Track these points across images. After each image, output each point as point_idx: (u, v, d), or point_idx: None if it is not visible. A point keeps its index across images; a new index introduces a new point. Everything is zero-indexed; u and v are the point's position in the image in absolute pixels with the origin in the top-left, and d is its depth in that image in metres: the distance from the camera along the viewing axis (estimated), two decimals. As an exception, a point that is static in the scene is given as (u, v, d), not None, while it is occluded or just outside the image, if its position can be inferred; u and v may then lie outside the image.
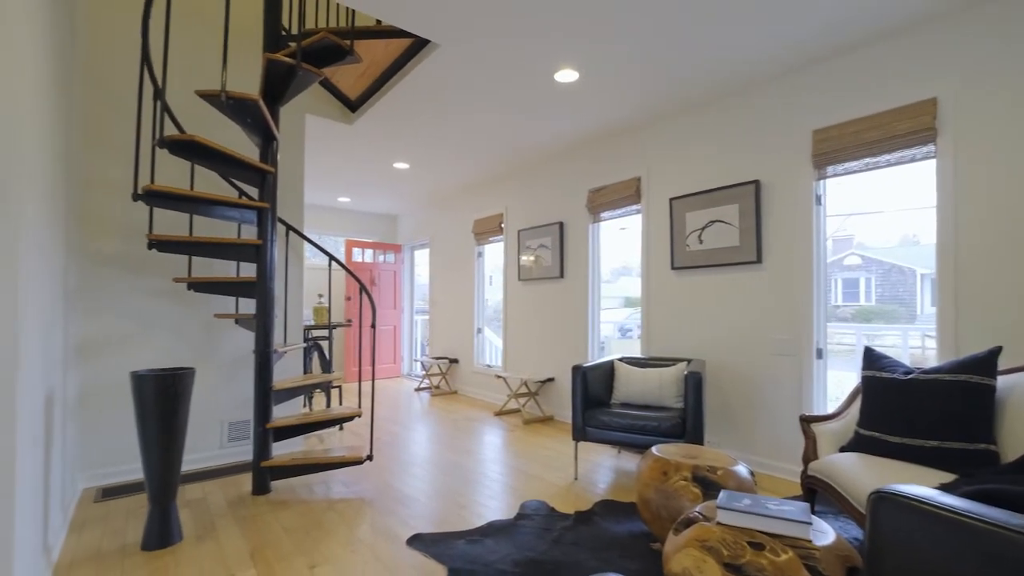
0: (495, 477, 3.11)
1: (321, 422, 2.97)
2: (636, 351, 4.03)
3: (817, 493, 2.23)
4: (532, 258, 5.04)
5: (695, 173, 3.58)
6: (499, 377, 5.10)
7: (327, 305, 4.38)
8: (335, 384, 4.91)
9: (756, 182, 3.19)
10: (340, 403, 4.62)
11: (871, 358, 2.20)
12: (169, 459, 2.20)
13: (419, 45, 2.87)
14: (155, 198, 2.29)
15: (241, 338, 3.39)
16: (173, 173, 3.14)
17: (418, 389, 6.49)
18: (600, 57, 2.85)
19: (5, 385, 1.41)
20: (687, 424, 2.72)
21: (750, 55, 2.82)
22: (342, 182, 5.76)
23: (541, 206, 4.98)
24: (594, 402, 3.17)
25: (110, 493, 2.79)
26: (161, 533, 2.19)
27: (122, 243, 2.95)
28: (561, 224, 4.68)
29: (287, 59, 2.30)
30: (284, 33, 2.69)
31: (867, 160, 2.73)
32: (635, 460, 3.46)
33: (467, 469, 3.27)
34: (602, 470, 3.26)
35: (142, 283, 3.03)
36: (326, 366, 4.12)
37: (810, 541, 1.27)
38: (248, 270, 3.32)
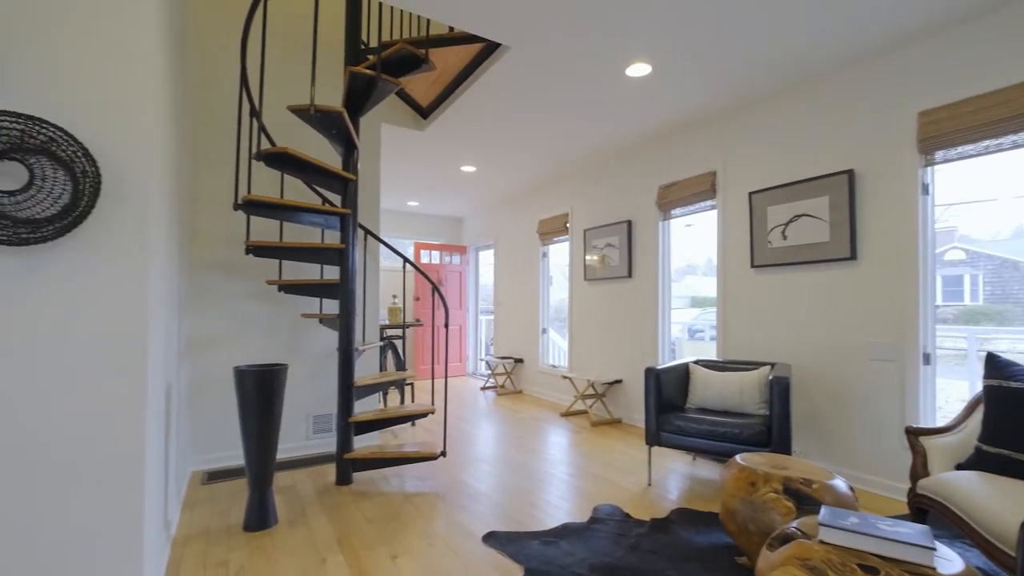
0: (564, 478, 3.09)
1: (398, 418, 3.09)
2: (708, 353, 3.85)
3: (928, 514, 2.02)
4: (598, 257, 4.96)
5: (778, 165, 3.37)
6: (565, 378, 5.07)
7: (400, 305, 4.56)
8: (408, 382, 5.09)
9: (849, 172, 2.95)
10: (412, 400, 4.79)
11: (996, 365, 1.97)
12: (266, 448, 2.38)
13: (490, 49, 2.91)
14: (253, 207, 2.49)
15: (324, 337, 3.60)
16: (265, 185, 3.40)
17: (483, 388, 6.60)
18: (675, 47, 2.75)
19: (137, 377, 1.58)
20: (772, 432, 2.56)
21: (843, 31, 2.61)
22: (412, 187, 5.97)
23: (608, 204, 4.89)
24: (668, 406, 3.07)
25: (215, 476, 3.06)
26: (260, 516, 2.37)
27: (223, 250, 3.24)
28: (629, 223, 4.57)
29: (367, 71, 2.42)
30: (363, 47, 2.82)
31: (987, 143, 2.44)
32: (711, 467, 3.32)
33: (536, 469, 3.28)
34: (676, 476, 3.15)
35: (240, 286, 3.30)
36: (400, 364, 4.30)
37: (934, 569, 1.15)
38: (331, 272, 3.52)
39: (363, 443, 3.80)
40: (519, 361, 6.40)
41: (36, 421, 1.45)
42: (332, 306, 3.59)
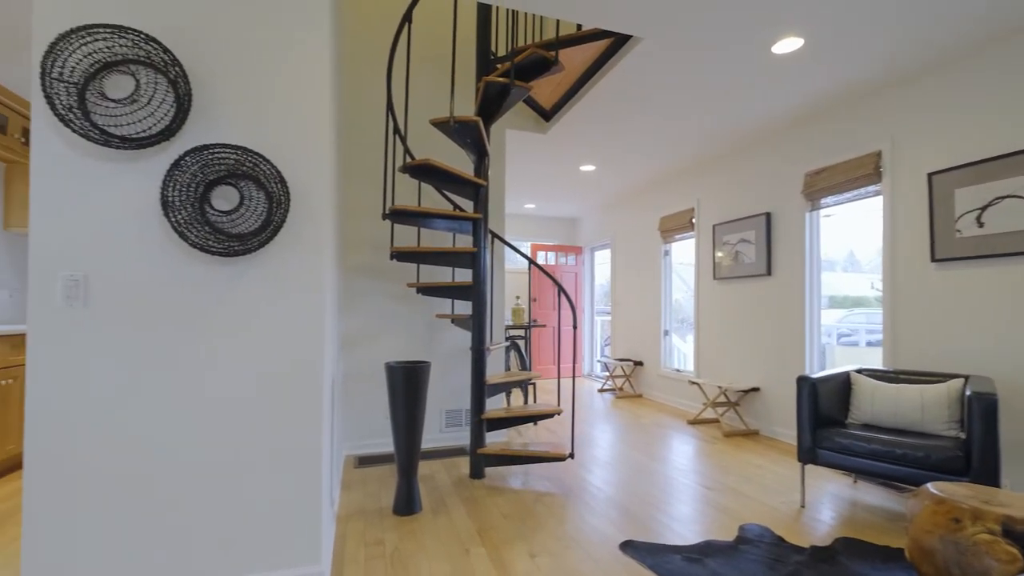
0: (699, 491, 2.90)
1: (527, 417, 3.15)
2: (867, 360, 3.34)
3: None
4: (730, 254, 4.59)
5: (967, 139, 2.82)
6: (692, 383, 4.77)
7: (523, 306, 4.65)
8: (532, 381, 5.18)
9: (1078, 141, 2.36)
10: (534, 400, 4.86)
11: None
12: (412, 439, 2.56)
13: (618, 44, 2.84)
14: (398, 216, 2.70)
15: (454, 336, 3.79)
16: (403, 195, 3.68)
17: (601, 390, 6.48)
18: (834, 15, 2.43)
19: (317, 366, 1.79)
20: (973, 459, 2.14)
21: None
22: (530, 189, 6.07)
23: (741, 197, 4.50)
24: (825, 420, 2.72)
25: (365, 461, 3.38)
26: (407, 502, 2.56)
27: (369, 256, 3.57)
28: (768, 215, 4.16)
29: (501, 79, 2.50)
30: (492, 57, 2.92)
31: None
32: (878, 493, 2.87)
33: (668, 478, 3.11)
34: (835, 500, 2.78)
35: (382, 288, 3.61)
36: (524, 364, 4.39)
37: None
38: (461, 275, 3.70)
39: (491, 439, 3.94)
40: (638, 364, 6.17)
41: (243, 401, 1.70)
42: (461, 307, 3.77)
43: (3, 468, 3.12)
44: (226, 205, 1.64)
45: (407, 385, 2.50)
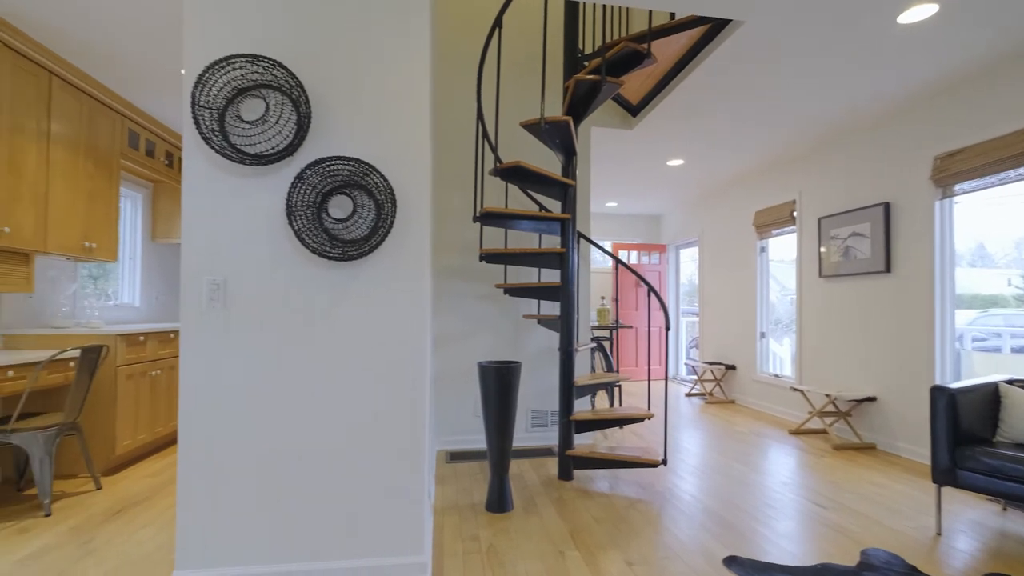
0: (810, 508, 2.66)
1: (616, 420, 3.07)
2: (1015, 370, 2.88)
3: None
4: (839, 250, 4.18)
5: None
6: (795, 390, 4.41)
7: (608, 307, 4.56)
8: (619, 383, 5.07)
9: None
10: (619, 403, 4.75)
11: None
12: (504, 437, 2.59)
13: (714, 31, 2.68)
14: (488, 218, 2.75)
15: (540, 336, 3.80)
16: (489, 198, 3.75)
17: (689, 394, 6.19)
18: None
19: (420, 362, 1.87)
20: None
21: None
22: (612, 187, 5.95)
23: (853, 186, 4.08)
24: (967, 438, 2.39)
25: (455, 457, 3.48)
26: (499, 500, 2.60)
27: (458, 257, 3.68)
28: (886, 205, 3.74)
29: (592, 76, 2.46)
30: (580, 55, 2.89)
31: None
32: (1041, 526, 2.46)
33: (771, 491, 2.89)
34: (978, 528, 2.43)
35: (471, 289, 3.70)
36: (609, 365, 4.31)
37: None
38: (547, 276, 3.71)
39: (577, 441, 3.90)
40: (730, 367, 5.81)
41: (354, 395, 1.82)
42: (547, 307, 3.77)
43: (155, 446, 3.61)
44: (340, 213, 1.76)
45: (499, 385, 2.54)
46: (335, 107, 1.80)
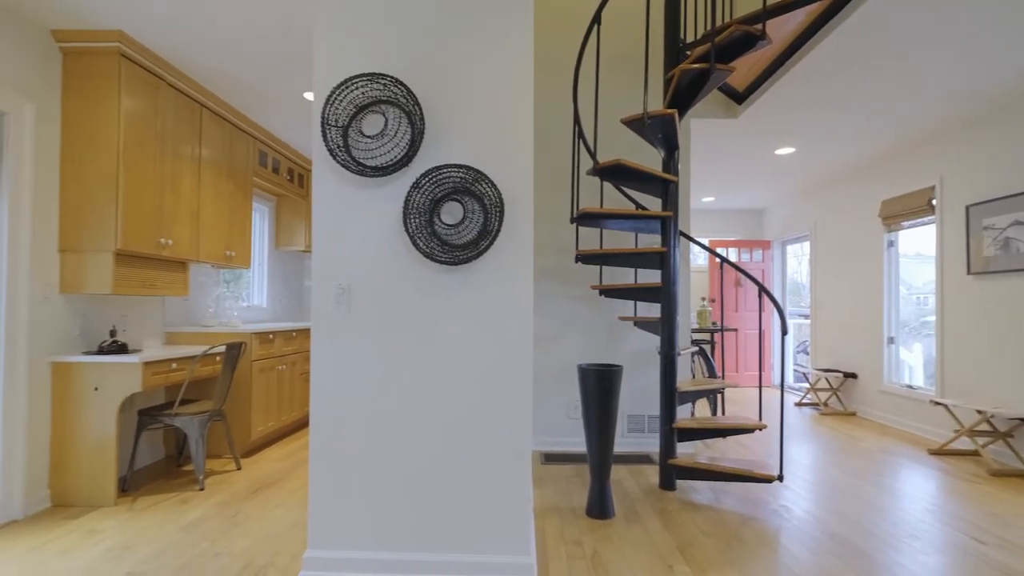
0: (966, 543, 2.30)
1: (725, 429, 2.89)
2: None
3: None
4: (997, 242, 3.59)
5: None
6: (936, 404, 3.85)
7: (709, 308, 4.31)
8: (722, 390, 4.80)
9: None
10: (722, 410, 4.46)
11: None
12: (604, 442, 2.54)
13: (838, 6, 2.42)
14: (586, 219, 2.72)
15: (636, 338, 3.68)
16: (584, 197, 3.71)
17: (799, 404, 5.66)
18: None
19: (525, 360, 1.88)
20: None
21: None
22: (710, 180, 5.62)
23: (1013, 168, 3.48)
24: None
25: (550, 459, 3.48)
26: (600, 506, 2.55)
27: (553, 259, 3.68)
28: (1061, 189, 3.14)
29: (699, 65, 2.33)
30: (681, 45, 2.75)
31: None
32: None
33: (912, 520, 2.54)
34: None
35: (564, 290, 3.68)
36: (711, 371, 4.07)
37: None
38: (644, 276, 3.59)
39: (678, 450, 3.73)
40: (850, 376, 5.23)
41: (465, 395, 1.88)
42: (644, 309, 3.65)
43: (281, 433, 4.02)
44: (451, 219, 1.83)
45: (599, 388, 2.49)
46: (445, 117, 1.87)
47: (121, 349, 2.73)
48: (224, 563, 2.04)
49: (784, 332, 2.57)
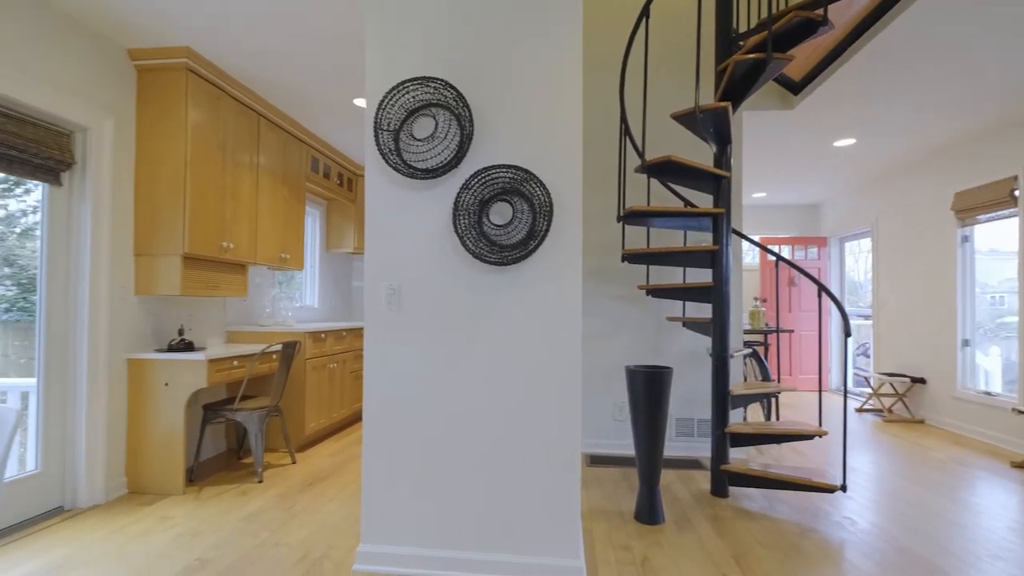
0: (1067, 568, 2.09)
1: (781, 435, 2.76)
2: None
3: None
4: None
5: None
6: (1019, 412, 3.54)
7: (762, 309, 4.14)
8: (777, 394, 4.60)
9: None
10: (776, 415, 4.27)
11: None
12: (654, 446, 2.48)
13: (908, -18, 2.27)
14: (634, 217, 2.66)
15: (684, 339, 3.58)
16: (630, 195, 3.64)
17: (860, 410, 5.34)
18: None
19: (574, 360, 1.86)
20: None
21: None
22: (762, 175, 5.40)
23: (1111, 153, 3.15)
24: None
25: (596, 461, 3.44)
26: (650, 510, 2.49)
27: (597, 259, 3.63)
28: None
29: (755, 55, 2.24)
30: (734, 35, 2.65)
31: None
32: None
33: (997, 539, 2.34)
34: None
35: (610, 290, 3.63)
36: (765, 374, 3.90)
37: None
38: (694, 275, 3.48)
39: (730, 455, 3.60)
40: (918, 381, 4.88)
41: (514, 394, 1.88)
42: (692, 309, 3.54)
43: (332, 429, 4.16)
44: (500, 220, 1.84)
45: (649, 391, 2.44)
46: (494, 117, 1.88)
47: (188, 347, 2.90)
48: (283, 553, 2.13)
49: (848, 334, 2.43)
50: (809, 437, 2.75)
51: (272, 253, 3.63)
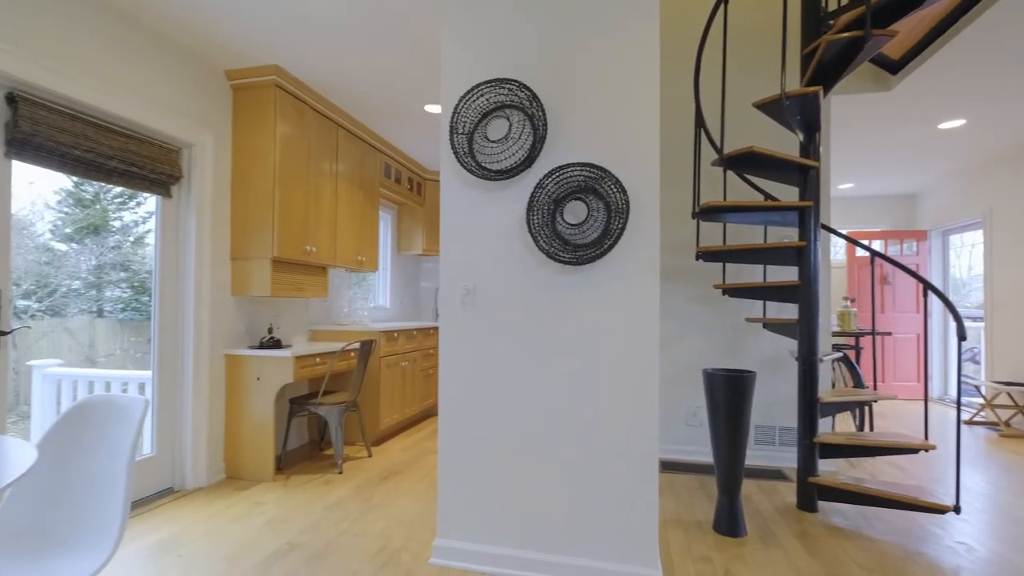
0: None
1: (881, 447, 2.52)
2: None
3: None
4: None
5: None
6: None
7: (852, 310, 3.81)
8: (873, 402, 4.23)
9: None
10: (870, 426, 3.91)
11: None
12: (735, 454, 2.35)
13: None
14: (711, 213, 2.54)
15: (763, 342, 3.37)
16: (704, 191, 3.48)
17: (970, 422, 4.78)
18: None
19: (652, 372, 1.80)
20: None
21: None
22: (851, 164, 4.98)
23: None
24: None
25: (667, 467, 3.31)
26: (730, 522, 2.36)
27: (668, 258, 3.51)
28: None
29: (852, 33, 2.06)
30: (822, 15, 2.46)
31: None
32: None
33: None
34: None
35: (681, 290, 3.49)
36: (858, 380, 3.59)
37: None
38: (774, 274, 3.27)
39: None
40: (1045, 392, 4.29)
41: (588, 395, 1.85)
42: (774, 310, 3.33)
43: (404, 425, 4.31)
44: (574, 219, 1.82)
45: (730, 395, 2.31)
46: (567, 114, 1.86)
47: (276, 344, 3.12)
48: (363, 543, 2.23)
49: (962, 337, 2.17)
50: (914, 451, 2.50)
51: (350, 256, 3.82)
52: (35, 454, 0.91)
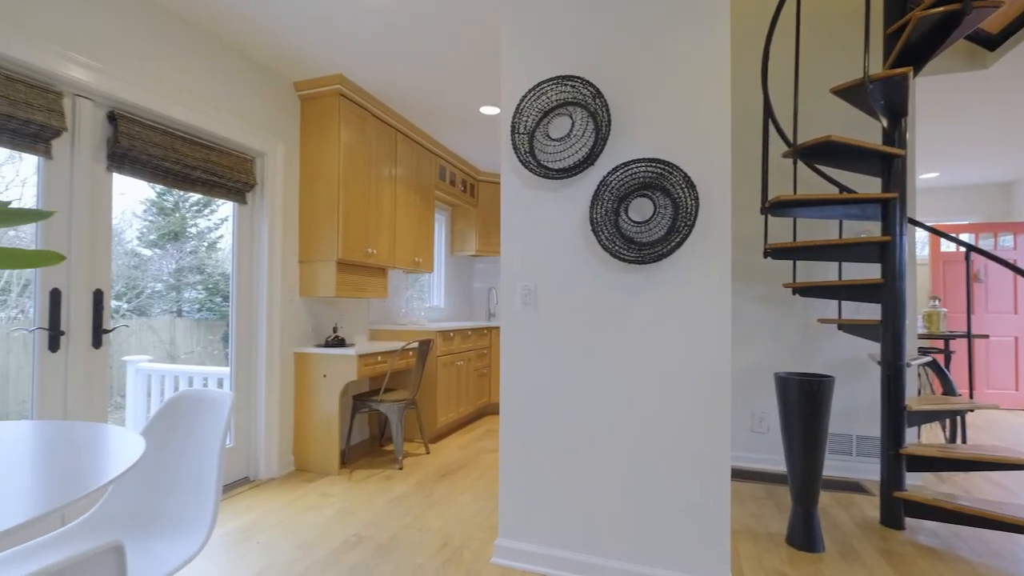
0: None
1: (980, 462, 2.29)
2: None
3: None
4: None
5: None
6: None
7: (940, 310, 3.49)
8: (965, 411, 3.87)
9: None
10: (962, 437, 3.56)
11: None
12: (811, 463, 2.21)
13: None
14: (782, 207, 2.40)
15: (838, 344, 3.15)
16: (772, 184, 3.30)
17: (1083, 437, 4.25)
18: None
19: (723, 373, 1.72)
20: None
21: None
22: (938, 152, 4.58)
23: None
24: None
25: (732, 475, 3.16)
26: (805, 536, 2.22)
27: (733, 255, 3.35)
28: None
29: (945, 7, 1.88)
30: (908, -9, 2.26)
31: None
32: None
33: None
34: None
35: (746, 290, 3.32)
36: (948, 387, 3.28)
37: None
38: (850, 271, 3.06)
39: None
40: None
41: (654, 397, 1.79)
42: (849, 310, 3.10)
43: (459, 423, 4.38)
44: (639, 216, 1.77)
45: (805, 401, 2.17)
46: (631, 113, 1.81)
47: (341, 343, 3.24)
48: (426, 538, 2.27)
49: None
50: (1019, 467, 2.25)
51: (407, 257, 3.92)
52: (143, 444, 0.98)
